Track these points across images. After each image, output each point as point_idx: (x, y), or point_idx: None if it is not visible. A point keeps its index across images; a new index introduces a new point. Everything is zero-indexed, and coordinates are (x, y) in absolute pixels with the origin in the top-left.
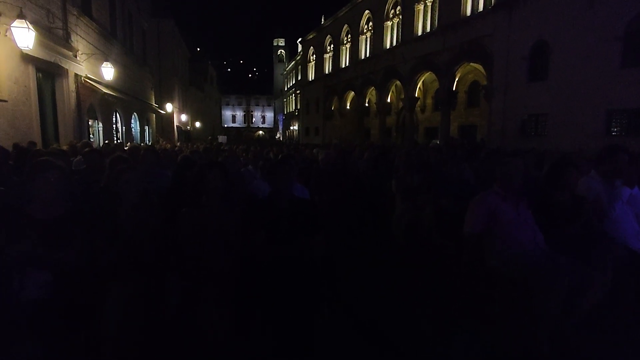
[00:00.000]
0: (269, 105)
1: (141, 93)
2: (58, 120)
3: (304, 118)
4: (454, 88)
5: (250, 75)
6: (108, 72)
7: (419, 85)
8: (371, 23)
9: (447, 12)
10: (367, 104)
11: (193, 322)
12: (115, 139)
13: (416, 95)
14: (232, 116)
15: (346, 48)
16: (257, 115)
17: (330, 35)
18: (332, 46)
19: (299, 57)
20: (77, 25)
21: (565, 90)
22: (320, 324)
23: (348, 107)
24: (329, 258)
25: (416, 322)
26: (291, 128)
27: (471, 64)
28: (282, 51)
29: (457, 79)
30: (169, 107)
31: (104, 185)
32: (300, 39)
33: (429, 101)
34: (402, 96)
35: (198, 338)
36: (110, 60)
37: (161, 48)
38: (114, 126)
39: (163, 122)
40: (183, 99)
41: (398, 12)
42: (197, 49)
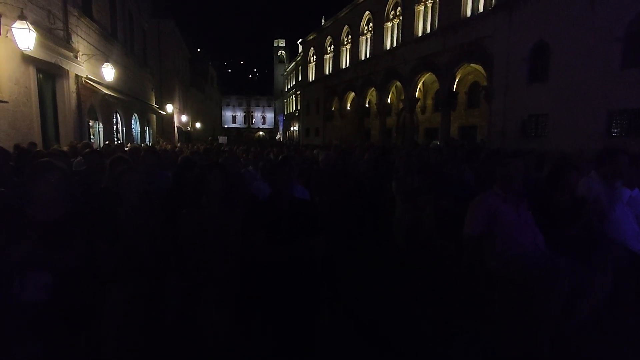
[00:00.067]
0: (270, 106)
1: (142, 94)
2: (59, 121)
3: (304, 119)
4: (454, 89)
5: (250, 76)
6: (108, 73)
7: (419, 86)
8: (371, 24)
9: (447, 13)
10: (368, 105)
11: (193, 323)
12: (115, 140)
13: (416, 96)
14: (233, 117)
15: (346, 49)
16: (258, 116)
17: (330, 36)
18: (333, 47)
19: (299, 58)
20: (78, 26)
21: (565, 91)
22: (320, 325)
23: (348, 108)
24: (329, 259)
25: (416, 323)
26: (291, 129)
27: (471, 65)
28: (283, 52)
29: (458, 80)
30: (170, 108)
31: (105, 186)
32: (300, 40)
33: (429, 102)
34: (403, 97)
35: (198, 339)
36: (110, 61)
37: (162, 49)
38: (115, 127)
39: (163, 123)
40: (183, 100)
41: (398, 13)
42: (198, 50)
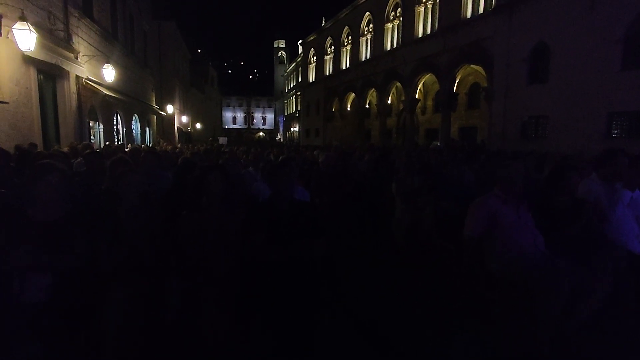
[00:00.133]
0: (270, 106)
1: (142, 94)
2: (59, 121)
3: (305, 119)
4: (455, 90)
5: (250, 76)
6: (109, 74)
7: (420, 87)
8: (372, 25)
9: (447, 14)
10: (368, 106)
11: (193, 323)
12: (116, 141)
13: (417, 97)
14: (233, 117)
15: (347, 50)
16: (258, 116)
17: (330, 36)
18: (333, 48)
19: (300, 59)
20: (79, 27)
21: (565, 92)
22: (320, 325)
23: (348, 109)
24: (329, 259)
25: (416, 323)
26: (292, 129)
27: (471, 66)
28: (283, 53)
29: (458, 81)
30: (170, 109)
31: (105, 187)
32: (300, 41)
33: (430, 103)
34: (403, 98)
35: (198, 339)
36: (111, 61)
37: (162, 50)
38: (115, 128)
39: (164, 124)
40: (184, 101)
41: (398, 14)
42: (198, 51)
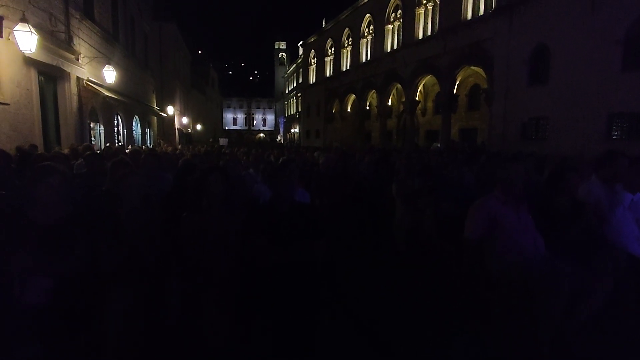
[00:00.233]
0: (270, 108)
1: (143, 96)
2: (60, 123)
3: (305, 121)
4: (455, 91)
5: (251, 78)
6: (110, 75)
7: (420, 88)
8: (372, 26)
9: (448, 16)
10: (368, 107)
11: (194, 324)
12: (116, 142)
13: (417, 98)
14: (234, 119)
15: (347, 51)
16: (258, 117)
17: (331, 38)
18: (333, 49)
19: (300, 60)
20: (80, 28)
21: (565, 93)
22: (320, 326)
23: (349, 110)
24: (330, 260)
25: (416, 324)
26: (292, 131)
27: (472, 68)
28: (283, 54)
29: (458, 83)
30: (170, 110)
31: (106, 188)
32: (301, 42)
33: (430, 104)
34: (403, 99)
35: (199, 339)
36: (112, 63)
37: (163, 51)
38: (116, 129)
39: (164, 125)
40: (184, 102)
41: (399, 16)
42: (199, 52)
